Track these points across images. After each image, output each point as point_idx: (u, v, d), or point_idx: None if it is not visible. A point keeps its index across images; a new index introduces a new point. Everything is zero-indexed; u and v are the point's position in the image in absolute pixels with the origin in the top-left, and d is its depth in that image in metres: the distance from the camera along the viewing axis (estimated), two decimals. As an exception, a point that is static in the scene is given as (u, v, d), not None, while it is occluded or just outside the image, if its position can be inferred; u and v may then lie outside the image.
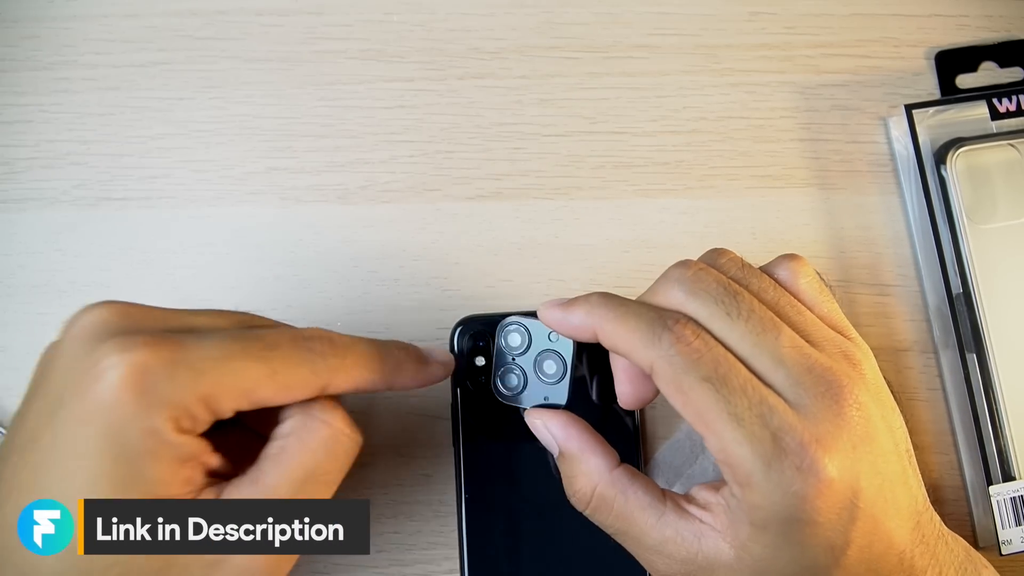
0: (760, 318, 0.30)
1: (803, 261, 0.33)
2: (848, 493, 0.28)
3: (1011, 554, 0.40)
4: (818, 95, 0.46)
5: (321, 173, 0.45)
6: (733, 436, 0.28)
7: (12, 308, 0.43)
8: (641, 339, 0.30)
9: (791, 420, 0.28)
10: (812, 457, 0.27)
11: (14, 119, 0.45)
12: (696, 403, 0.29)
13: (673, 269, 0.32)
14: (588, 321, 0.31)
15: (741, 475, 0.28)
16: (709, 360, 0.29)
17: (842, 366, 0.30)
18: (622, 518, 0.31)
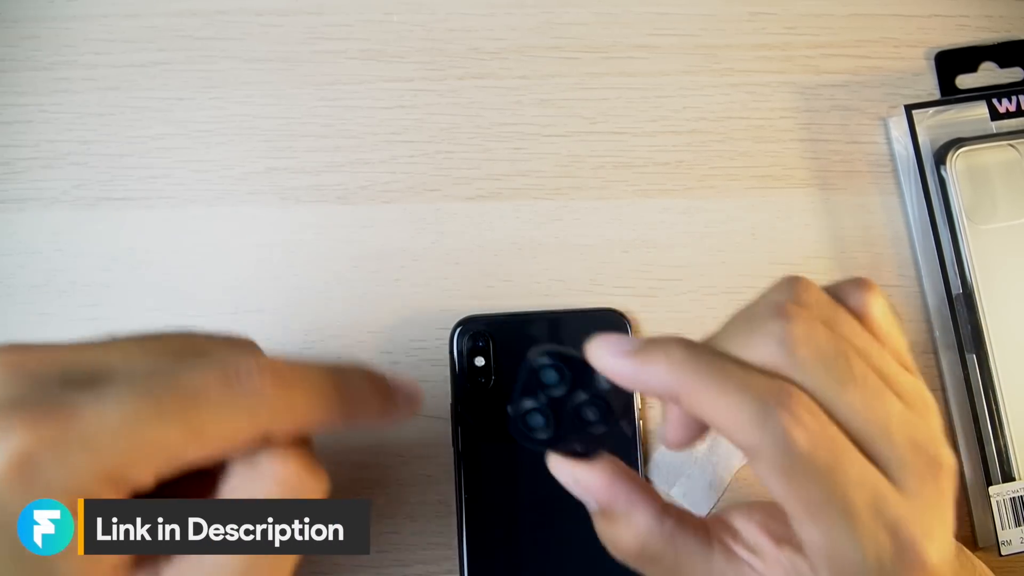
0: (872, 386, 0.26)
1: (876, 289, 0.29)
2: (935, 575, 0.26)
3: (1011, 554, 0.40)
4: (818, 95, 0.46)
5: (321, 173, 0.45)
6: (845, 534, 0.25)
7: (12, 308, 0.43)
8: (748, 417, 0.25)
9: (902, 511, 0.25)
10: (922, 553, 0.25)
11: (14, 119, 0.45)
12: (806, 495, 0.25)
13: (771, 322, 0.26)
14: (670, 383, 0.26)
15: (842, 571, 0.26)
16: (827, 445, 0.25)
17: (933, 426, 0.27)
18: (670, 570, 0.29)
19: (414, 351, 0.43)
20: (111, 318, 0.43)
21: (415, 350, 0.43)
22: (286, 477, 0.25)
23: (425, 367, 0.43)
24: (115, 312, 0.43)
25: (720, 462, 0.41)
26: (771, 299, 0.27)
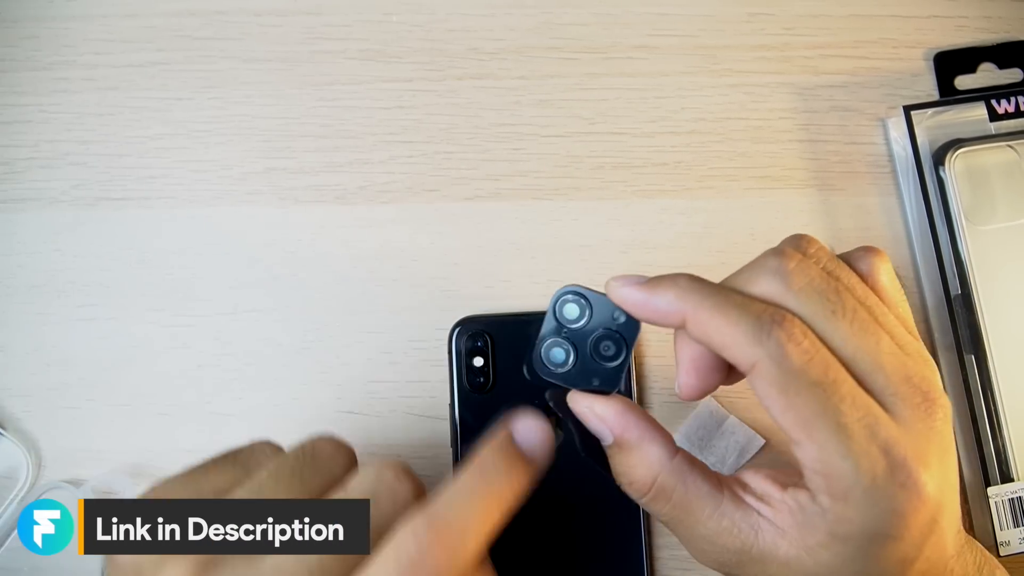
0: (863, 319, 0.28)
1: (884, 256, 0.31)
2: (935, 509, 0.27)
3: (1009, 555, 0.40)
4: (816, 96, 0.46)
5: (320, 173, 0.45)
6: (839, 448, 0.26)
7: (12, 308, 0.43)
8: (745, 334, 0.27)
9: (895, 433, 0.27)
10: (915, 475, 0.26)
11: (14, 119, 0.45)
12: (801, 409, 0.27)
13: (770, 258, 0.29)
14: (678, 306, 0.28)
15: (838, 489, 0.27)
16: (819, 363, 0.27)
17: (930, 371, 0.29)
18: (680, 507, 0.30)
19: (413, 351, 0.43)
20: (110, 318, 0.43)
21: (414, 350, 0.43)
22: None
23: (424, 367, 0.43)
24: (114, 312, 0.43)
25: (718, 462, 0.41)
26: (775, 247, 0.30)
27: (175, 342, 0.43)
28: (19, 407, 0.42)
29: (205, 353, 0.43)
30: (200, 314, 0.43)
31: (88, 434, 0.42)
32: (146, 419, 0.42)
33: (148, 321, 0.43)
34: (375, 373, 0.43)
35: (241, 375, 0.43)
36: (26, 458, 0.41)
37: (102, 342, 0.43)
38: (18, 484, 0.41)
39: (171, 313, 0.43)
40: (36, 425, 0.42)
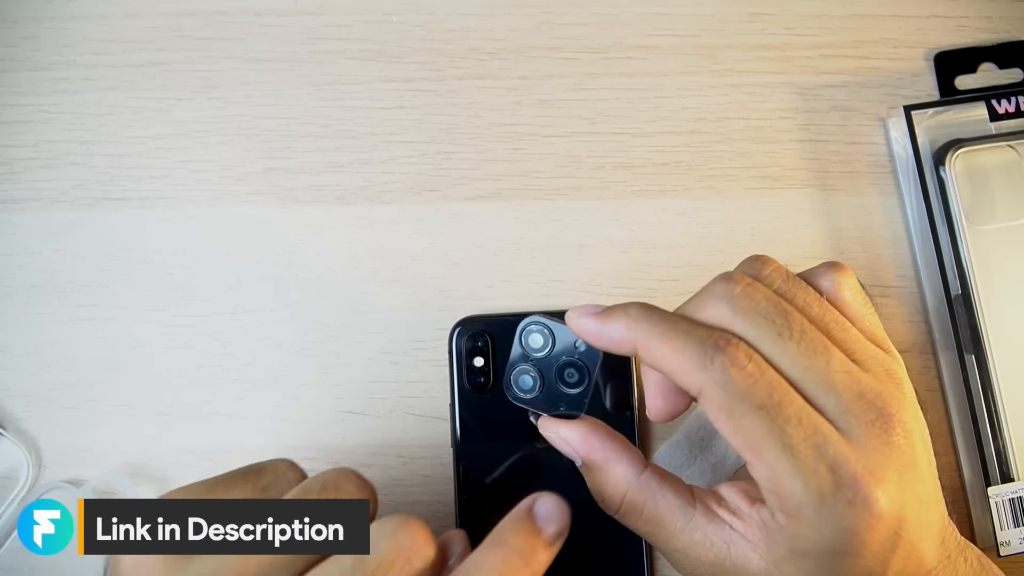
0: (811, 339, 0.28)
1: (847, 271, 0.32)
2: (894, 525, 0.27)
3: (1009, 555, 0.40)
4: (817, 96, 0.46)
5: (320, 173, 0.45)
6: (786, 468, 0.27)
7: (12, 308, 0.43)
8: (690, 360, 0.28)
9: (844, 451, 0.27)
10: (865, 491, 0.27)
11: (14, 119, 0.45)
12: (748, 432, 0.27)
13: (718, 284, 0.30)
14: (628, 335, 0.30)
15: (790, 507, 0.27)
16: (763, 386, 0.27)
17: (889, 388, 0.29)
18: (651, 522, 0.31)
19: (413, 351, 0.43)
20: (110, 318, 0.43)
21: (414, 350, 0.43)
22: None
23: (424, 367, 0.43)
24: (114, 312, 0.43)
25: (718, 462, 0.41)
26: (725, 272, 0.30)
27: (175, 342, 0.43)
28: (19, 407, 0.42)
29: (205, 353, 0.43)
30: (200, 314, 0.43)
31: (88, 434, 0.42)
32: (146, 419, 0.42)
33: (148, 321, 0.43)
34: (375, 373, 0.43)
35: (241, 375, 0.43)
36: (26, 458, 0.41)
37: (102, 342, 0.43)
38: (18, 484, 0.41)
39: (171, 313, 0.43)
40: (36, 425, 0.42)
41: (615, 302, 0.43)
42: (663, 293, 0.43)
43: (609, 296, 0.43)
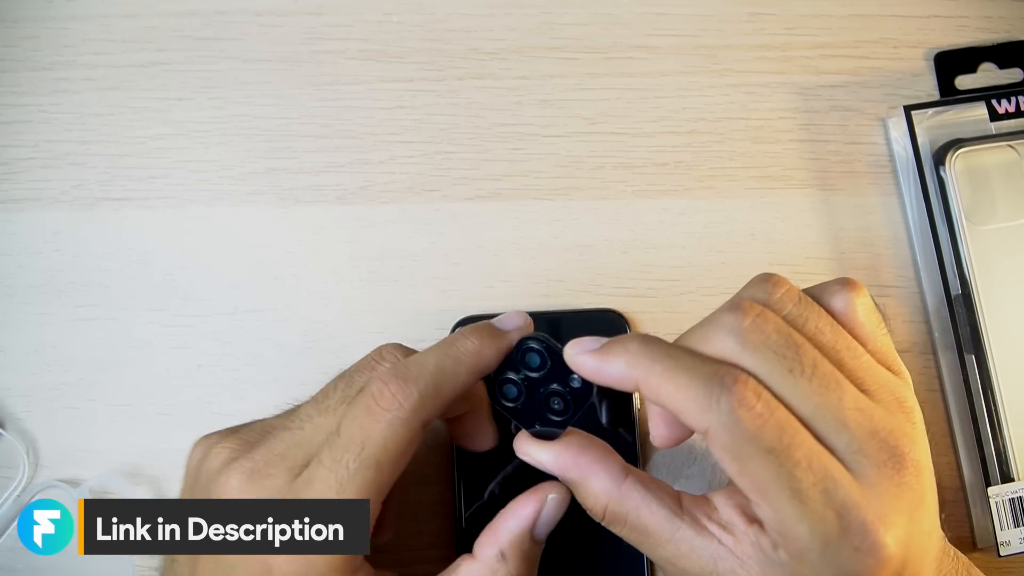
0: (823, 374, 0.28)
1: (860, 289, 0.30)
2: (899, 566, 0.27)
3: (1010, 555, 0.40)
4: (817, 96, 0.46)
5: (320, 173, 0.45)
6: (793, 513, 0.26)
7: (12, 308, 0.43)
8: (695, 400, 0.27)
9: (855, 496, 0.26)
10: (873, 537, 0.26)
11: (14, 119, 0.45)
12: (755, 475, 0.27)
13: (725, 315, 0.29)
14: (630, 373, 0.29)
15: (794, 549, 0.27)
16: (773, 427, 0.26)
17: (900, 423, 0.28)
18: (636, 530, 0.30)
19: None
20: (110, 318, 0.43)
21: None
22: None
23: (424, 367, 0.43)
24: (114, 312, 0.43)
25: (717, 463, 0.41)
26: (735, 297, 0.29)
27: (175, 342, 0.43)
28: (19, 407, 0.42)
29: (205, 353, 0.43)
30: (200, 314, 0.43)
31: (88, 434, 0.42)
32: (146, 419, 0.42)
33: (148, 321, 0.43)
34: (375, 373, 0.43)
35: (241, 375, 0.43)
36: (23, 457, 0.41)
37: (102, 342, 0.43)
38: (14, 483, 0.40)
39: (171, 313, 0.43)
40: (36, 425, 0.42)
41: (615, 303, 0.43)
42: (663, 293, 0.43)
43: (609, 297, 0.43)
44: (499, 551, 0.30)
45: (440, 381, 0.30)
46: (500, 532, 0.30)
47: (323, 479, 0.29)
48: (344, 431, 0.29)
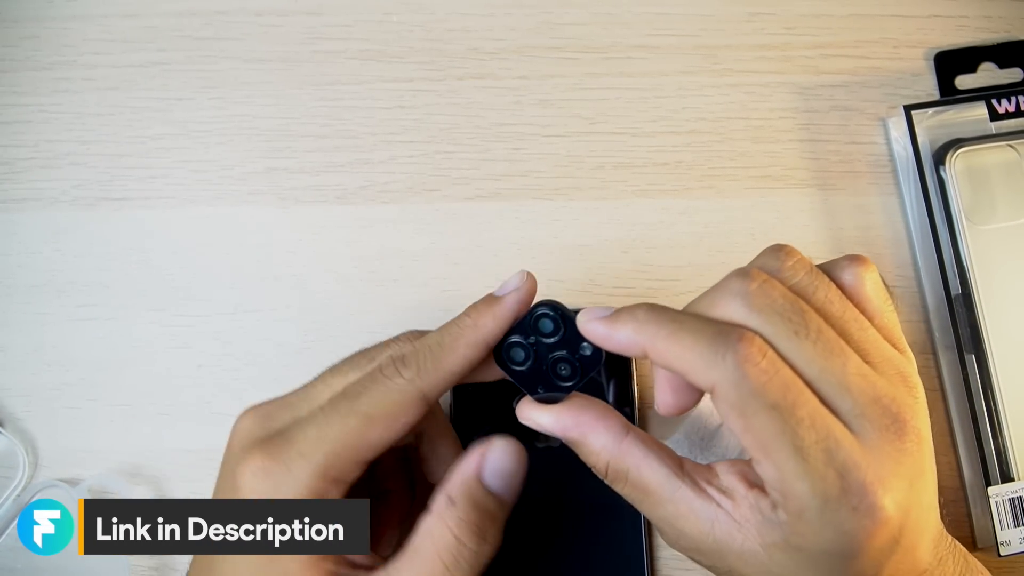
0: (828, 339, 0.28)
1: (870, 265, 0.31)
2: (896, 531, 0.27)
3: (1010, 555, 0.40)
4: (817, 96, 0.46)
5: (320, 173, 0.45)
6: (794, 470, 0.27)
7: (12, 308, 0.43)
8: (702, 358, 0.28)
9: (856, 457, 0.27)
10: (872, 498, 0.27)
11: (14, 119, 0.45)
12: (759, 431, 0.27)
13: (733, 280, 0.29)
14: (637, 339, 0.29)
15: (793, 507, 0.27)
16: (778, 384, 0.27)
17: (903, 394, 0.29)
18: (637, 488, 0.31)
19: (413, 351, 0.43)
20: (110, 318, 0.43)
21: (414, 350, 0.43)
22: (459, 531, 0.29)
23: (424, 367, 0.43)
24: (114, 312, 0.43)
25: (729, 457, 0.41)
26: (742, 268, 0.30)
27: (175, 342, 0.43)
28: (19, 407, 0.42)
29: (205, 353, 0.43)
30: (200, 314, 0.43)
31: (88, 434, 0.42)
32: (146, 419, 0.42)
33: (148, 321, 0.43)
34: (375, 373, 0.43)
35: (241, 375, 0.43)
36: (23, 456, 0.41)
37: (102, 342, 0.43)
38: (13, 482, 0.41)
39: (171, 313, 0.43)
40: (36, 424, 0.42)
41: (615, 302, 0.43)
42: (663, 293, 0.43)
43: (609, 296, 0.43)
44: (447, 497, 0.30)
45: (439, 355, 0.31)
46: (448, 481, 0.30)
47: (311, 419, 0.30)
48: (346, 389, 0.31)
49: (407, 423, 0.30)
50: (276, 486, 0.29)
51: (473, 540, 0.29)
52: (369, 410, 0.29)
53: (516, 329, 0.33)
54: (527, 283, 0.32)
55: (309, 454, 0.29)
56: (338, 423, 0.29)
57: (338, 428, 0.29)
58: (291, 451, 0.29)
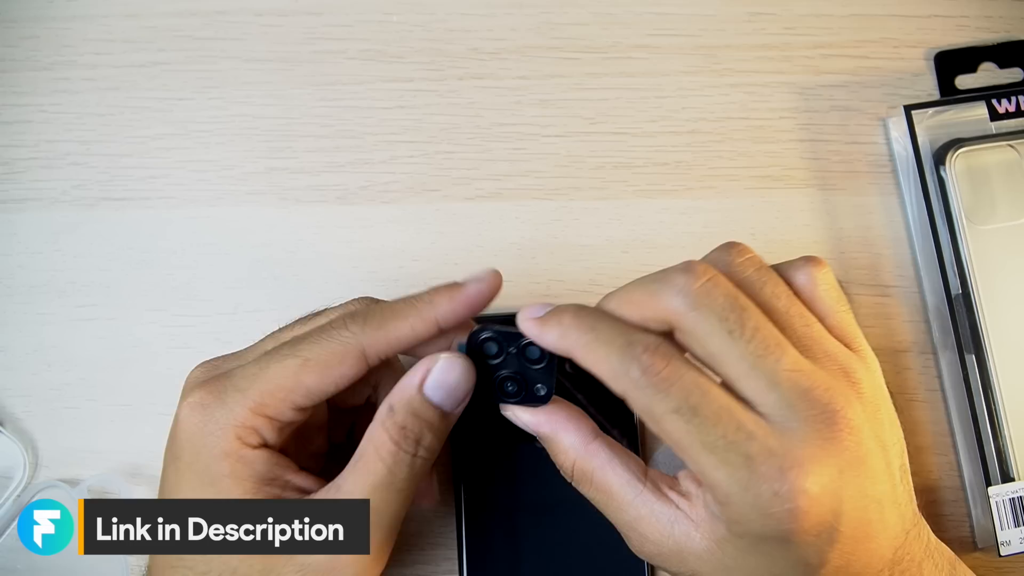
0: (764, 338, 0.29)
1: (824, 266, 0.32)
2: (828, 517, 0.28)
3: (1010, 555, 0.40)
4: (817, 96, 0.46)
5: (321, 173, 0.45)
6: (708, 462, 0.28)
7: (12, 308, 0.43)
8: (611, 369, 0.29)
9: (771, 445, 0.28)
10: (791, 483, 0.27)
11: (14, 119, 0.45)
12: (670, 432, 0.29)
13: (679, 275, 0.30)
14: (561, 344, 0.31)
15: (720, 495, 0.28)
16: (679, 390, 0.28)
17: (840, 386, 0.29)
18: (601, 491, 0.32)
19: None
20: (110, 318, 0.43)
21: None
22: (397, 436, 0.31)
23: (425, 367, 0.42)
24: (114, 312, 0.43)
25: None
26: (688, 262, 0.31)
27: (175, 342, 0.43)
28: (19, 407, 0.42)
29: (205, 353, 0.42)
30: (200, 314, 0.43)
31: (88, 434, 0.42)
32: (146, 419, 0.42)
33: (148, 321, 0.43)
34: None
35: (241, 375, 0.42)
36: (23, 456, 0.41)
37: (102, 342, 0.43)
38: (14, 483, 0.40)
39: (171, 313, 0.43)
40: (36, 424, 0.42)
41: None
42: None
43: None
44: (388, 405, 0.31)
45: (388, 319, 0.32)
46: (392, 392, 0.32)
47: (254, 362, 0.32)
48: (293, 339, 0.32)
49: (343, 374, 0.31)
50: (210, 418, 0.31)
51: (410, 445, 0.31)
52: (307, 355, 0.31)
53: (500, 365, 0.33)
54: (492, 278, 0.34)
55: (244, 389, 0.31)
56: (276, 364, 0.31)
57: (275, 368, 0.31)
58: (228, 386, 0.31)
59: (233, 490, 0.30)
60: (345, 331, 0.31)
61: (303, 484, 0.32)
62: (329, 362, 0.31)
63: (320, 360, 0.31)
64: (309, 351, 0.31)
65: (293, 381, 0.31)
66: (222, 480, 0.30)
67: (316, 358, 0.31)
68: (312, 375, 0.31)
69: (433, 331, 0.33)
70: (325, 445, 0.37)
